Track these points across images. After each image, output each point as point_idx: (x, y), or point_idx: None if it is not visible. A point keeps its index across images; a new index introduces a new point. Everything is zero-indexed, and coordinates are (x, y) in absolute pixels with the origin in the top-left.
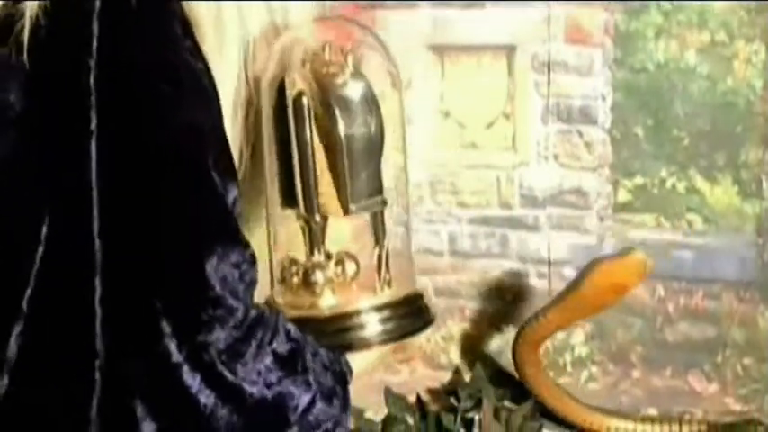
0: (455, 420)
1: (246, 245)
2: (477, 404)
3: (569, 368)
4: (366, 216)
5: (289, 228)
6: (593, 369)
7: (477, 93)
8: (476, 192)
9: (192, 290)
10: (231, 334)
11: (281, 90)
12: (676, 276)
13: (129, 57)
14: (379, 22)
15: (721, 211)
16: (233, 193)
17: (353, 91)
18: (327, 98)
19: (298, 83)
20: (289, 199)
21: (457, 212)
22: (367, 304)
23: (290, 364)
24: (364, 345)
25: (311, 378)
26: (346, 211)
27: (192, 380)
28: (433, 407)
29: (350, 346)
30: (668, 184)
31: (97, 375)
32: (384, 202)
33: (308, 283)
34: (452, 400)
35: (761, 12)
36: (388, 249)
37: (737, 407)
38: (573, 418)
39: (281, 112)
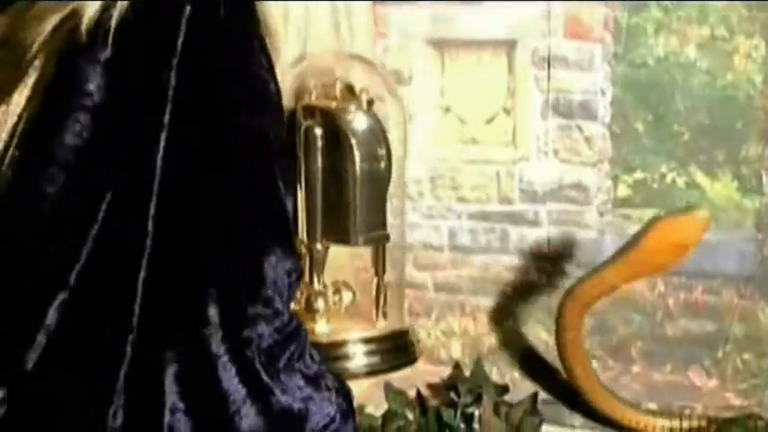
0: (455, 415)
1: (299, 257)
2: (478, 399)
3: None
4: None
5: None
6: (594, 364)
7: (477, 88)
8: (476, 187)
9: (247, 284)
10: (273, 336)
11: (291, 119)
12: (676, 271)
13: (210, 62)
14: (379, 18)
15: (721, 206)
16: (291, 206)
17: (365, 126)
18: (340, 132)
19: (308, 115)
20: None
21: (457, 207)
22: (356, 336)
23: (316, 383)
24: (350, 375)
25: (333, 398)
26: (353, 243)
27: (226, 372)
28: (433, 402)
29: (338, 375)
30: (668, 179)
31: (128, 349)
32: (387, 237)
33: (309, 309)
34: (452, 395)
35: (761, 7)
36: (386, 282)
37: (737, 402)
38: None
39: (289, 142)
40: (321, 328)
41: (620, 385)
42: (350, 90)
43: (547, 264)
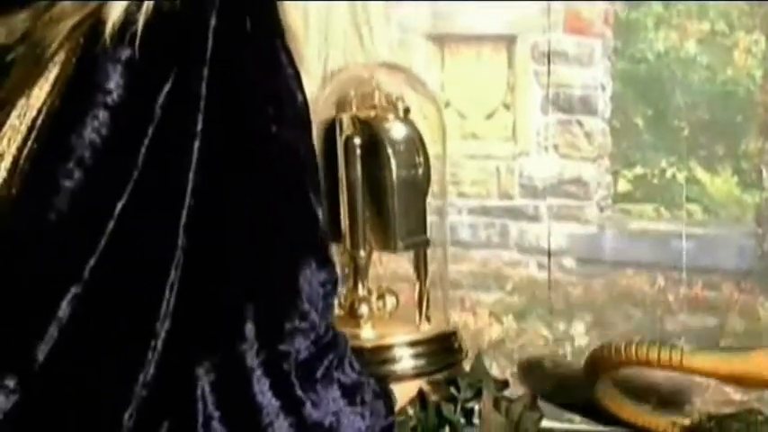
0: (455, 410)
1: (334, 267)
2: (478, 394)
3: (569, 358)
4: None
5: None
6: None
7: (477, 83)
8: (476, 182)
9: (283, 298)
10: (309, 349)
11: (331, 130)
12: (676, 266)
13: (238, 74)
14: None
15: (721, 201)
16: (321, 216)
17: (403, 135)
18: (378, 141)
19: (349, 124)
20: (334, 234)
21: (457, 202)
22: (402, 339)
23: (351, 395)
24: (397, 378)
25: (367, 413)
26: (393, 248)
27: (260, 385)
28: (433, 397)
29: (384, 379)
30: (668, 174)
31: (150, 355)
32: (427, 242)
33: (353, 315)
34: (452, 390)
35: (761, 2)
36: (428, 287)
37: (737, 397)
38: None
39: (330, 151)
40: (366, 334)
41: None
42: (388, 99)
43: (547, 259)
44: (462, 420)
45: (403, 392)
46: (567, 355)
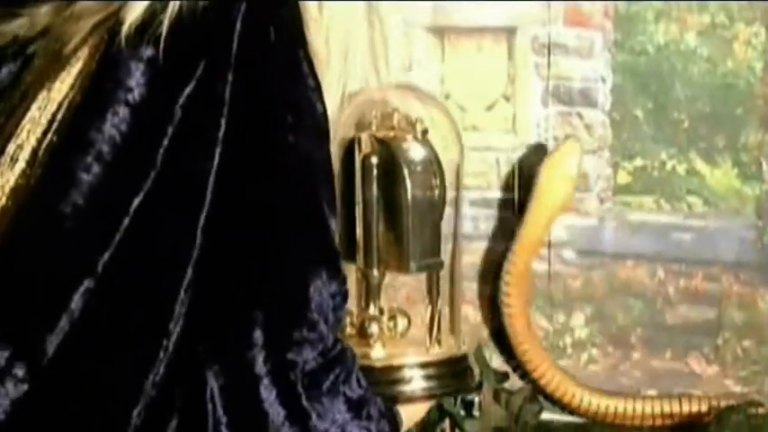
0: (455, 403)
1: (344, 280)
2: (478, 386)
3: (569, 350)
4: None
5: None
6: (594, 351)
7: (477, 75)
8: (476, 174)
9: (292, 307)
10: (317, 360)
11: (350, 149)
12: (676, 258)
13: (261, 82)
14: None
15: (721, 194)
16: (334, 227)
17: (420, 156)
18: (395, 161)
19: (366, 144)
20: (348, 252)
21: None
22: (414, 360)
23: (356, 410)
24: (407, 399)
25: (373, 428)
26: (406, 270)
27: (267, 393)
28: None
29: (395, 399)
30: (668, 166)
31: (161, 354)
32: (441, 264)
33: (363, 334)
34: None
35: None
36: (440, 309)
37: (737, 389)
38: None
39: (348, 170)
40: (376, 353)
41: (620, 372)
42: (406, 120)
43: (547, 251)
44: (462, 413)
45: (410, 414)
46: (566, 346)
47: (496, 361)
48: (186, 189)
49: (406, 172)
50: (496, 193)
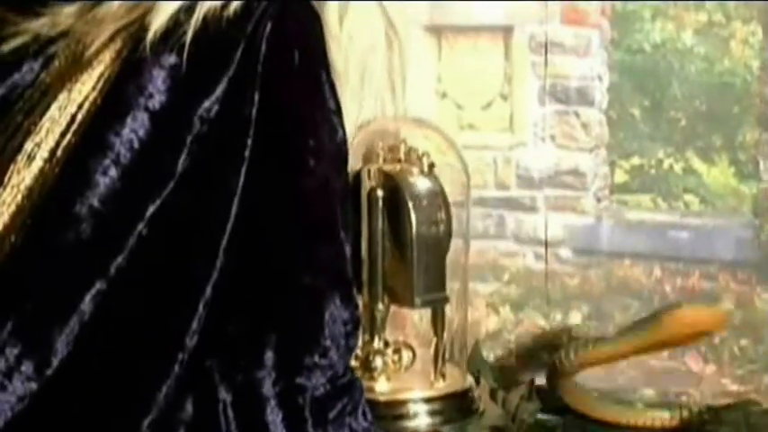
0: None
1: (357, 306)
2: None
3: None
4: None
5: None
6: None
7: (474, 73)
8: (473, 172)
9: (306, 332)
10: (325, 387)
11: (357, 181)
12: (674, 257)
13: (285, 105)
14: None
15: (718, 192)
16: (349, 252)
17: (426, 190)
18: (400, 195)
19: (373, 177)
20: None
21: None
22: (418, 395)
23: None
24: None
25: None
26: (411, 305)
27: (273, 416)
28: None
29: None
30: (665, 164)
31: (177, 367)
32: (446, 299)
33: (367, 367)
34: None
35: None
36: (445, 343)
37: (735, 387)
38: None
39: (354, 203)
40: (381, 387)
41: (618, 371)
42: (413, 153)
43: (544, 249)
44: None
45: None
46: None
47: (493, 359)
48: (209, 206)
49: (411, 206)
50: (493, 192)
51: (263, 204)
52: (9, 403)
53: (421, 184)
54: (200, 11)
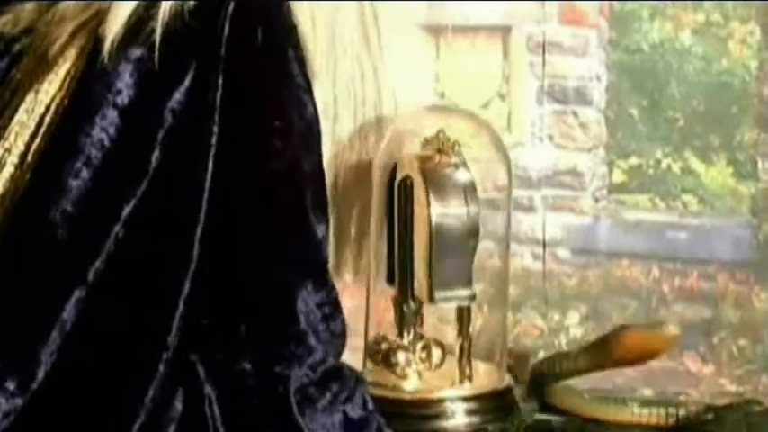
0: None
1: (332, 287)
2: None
3: (564, 349)
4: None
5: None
6: None
7: (472, 73)
8: None
9: (279, 321)
10: (307, 374)
11: (391, 172)
12: (671, 257)
13: (250, 87)
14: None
15: (716, 192)
16: (323, 234)
17: (453, 180)
18: (426, 183)
19: (406, 167)
20: (391, 277)
21: None
22: (454, 393)
23: (357, 429)
24: None
25: None
26: (431, 299)
27: (260, 406)
28: None
29: None
30: (663, 164)
31: (161, 367)
32: (472, 297)
33: (388, 363)
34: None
35: None
36: (470, 342)
37: (733, 387)
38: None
39: (389, 193)
40: (412, 385)
41: (615, 371)
42: (446, 144)
43: (542, 249)
44: None
45: None
46: (561, 345)
47: None
48: (181, 199)
49: (432, 196)
50: (492, 194)
51: (232, 192)
52: None
53: (446, 175)
54: (164, 2)
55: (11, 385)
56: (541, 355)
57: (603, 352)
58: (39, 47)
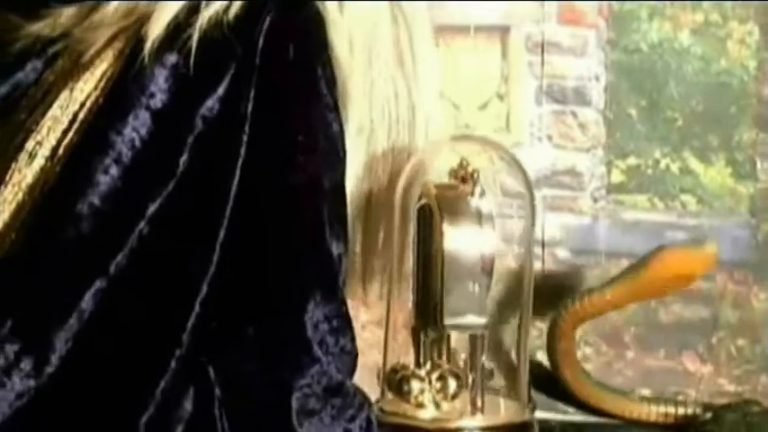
0: None
1: (343, 303)
2: None
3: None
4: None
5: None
6: (587, 350)
7: (470, 73)
8: None
9: (287, 328)
10: (309, 384)
11: (410, 198)
12: None
13: (279, 101)
14: None
15: (715, 192)
16: (339, 251)
17: (471, 209)
18: (443, 211)
19: (425, 195)
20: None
21: None
22: (472, 424)
23: None
24: None
25: None
26: (441, 325)
27: (264, 412)
28: None
29: None
30: (662, 164)
31: (173, 363)
32: (478, 327)
33: (401, 391)
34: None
35: None
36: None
37: (731, 388)
38: (594, 402)
39: (404, 218)
40: (429, 413)
41: (614, 371)
42: (467, 173)
43: (540, 250)
44: None
45: None
46: None
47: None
48: (207, 203)
49: (446, 223)
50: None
51: (255, 200)
52: (7, 400)
53: (463, 202)
54: (204, 12)
55: (27, 365)
56: (539, 355)
57: (641, 275)
58: (74, 50)
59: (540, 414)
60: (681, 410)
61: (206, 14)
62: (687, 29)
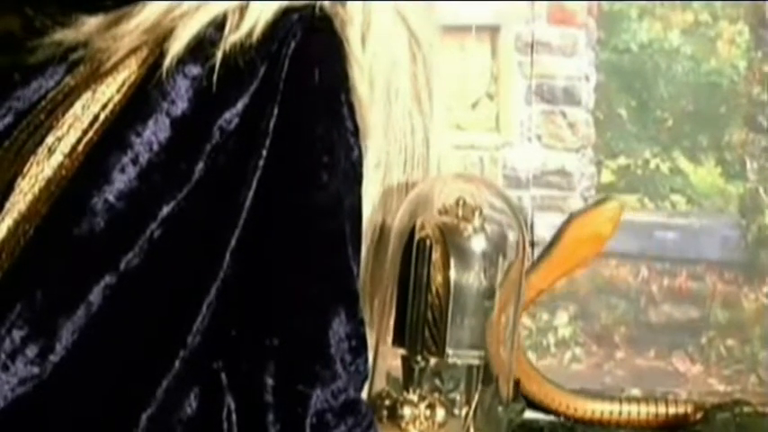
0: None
1: (362, 322)
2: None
3: (553, 349)
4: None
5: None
6: (577, 350)
7: (460, 73)
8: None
9: (309, 342)
10: (327, 399)
11: (411, 233)
12: (660, 257)
13: (302, 120)
14: None
15: (705, 192)
16: (357, 270)
17: (474, 245)
18: (447, 246)
19: (425, 229)
20: (399, 336)
21: None
22: None
23: None
24: None
25: None
26: (442, 355)
27: (273, 424)
28: None
29: None
30: (652, 164)
31: (177, 364)
32: (479, 360)
33: (393, 416)
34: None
35: None
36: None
37: (721, 387)
38: (548, 402)
39: (406, 253)
40: None
41: (604, 371)
42: (467, 209)
43: (530, 249)
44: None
45: None
46: (550, 345)
47: None
48: (219, 210)
49: (452, 258)
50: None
51: (274, 214)
52: (10, 384)
53: (467, 237)
54: (231, 36)
55: (32, 352)
56: (529, 355)
57: (555, 248)
58: (96, 58)
59: (528, 414)
60: (671, 410)
61: (232, 38)
62: (677, 29)
